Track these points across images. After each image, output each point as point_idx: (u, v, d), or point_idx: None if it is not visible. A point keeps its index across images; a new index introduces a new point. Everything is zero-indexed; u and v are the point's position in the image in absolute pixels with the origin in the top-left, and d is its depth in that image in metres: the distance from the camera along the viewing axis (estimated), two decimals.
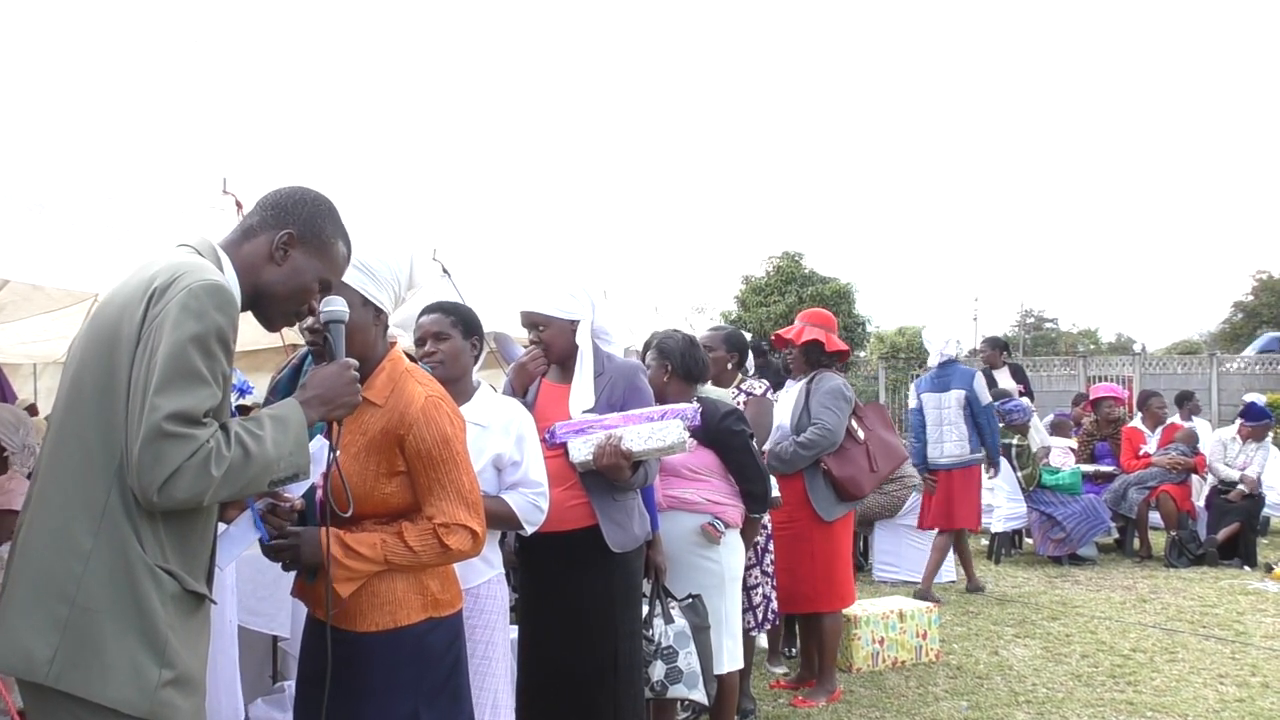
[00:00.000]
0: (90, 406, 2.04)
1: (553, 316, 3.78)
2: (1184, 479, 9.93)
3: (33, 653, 1.97)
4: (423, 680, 2.60)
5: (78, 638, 1.97)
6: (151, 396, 1.95)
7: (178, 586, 2.08)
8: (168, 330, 1.98)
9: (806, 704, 5.43)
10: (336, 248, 2.34)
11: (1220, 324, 44.86)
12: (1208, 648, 6.52)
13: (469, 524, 2.61)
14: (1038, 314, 56.91)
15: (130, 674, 2.00)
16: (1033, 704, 5.42)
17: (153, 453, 1.94)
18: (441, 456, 2.60)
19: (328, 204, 2.35)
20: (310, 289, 2.30)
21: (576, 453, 3.64)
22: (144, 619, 2.02)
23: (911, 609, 6.32)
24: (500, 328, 5.74)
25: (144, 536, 2.03)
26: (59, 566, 1.99)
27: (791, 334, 5.82)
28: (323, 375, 2.35)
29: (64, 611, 1.98)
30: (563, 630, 3.69)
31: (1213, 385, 23.55)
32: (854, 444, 5.62)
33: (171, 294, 2.00)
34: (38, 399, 12.75)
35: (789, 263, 27.40)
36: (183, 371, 1.97)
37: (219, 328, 2.02)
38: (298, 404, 2.25)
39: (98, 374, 2.05)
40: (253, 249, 2.26)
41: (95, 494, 2.01)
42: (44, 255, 3.53)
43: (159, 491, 1.95)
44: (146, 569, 2.02)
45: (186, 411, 1.96)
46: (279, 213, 2.28)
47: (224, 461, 2.00)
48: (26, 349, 10.84)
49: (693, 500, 4.43)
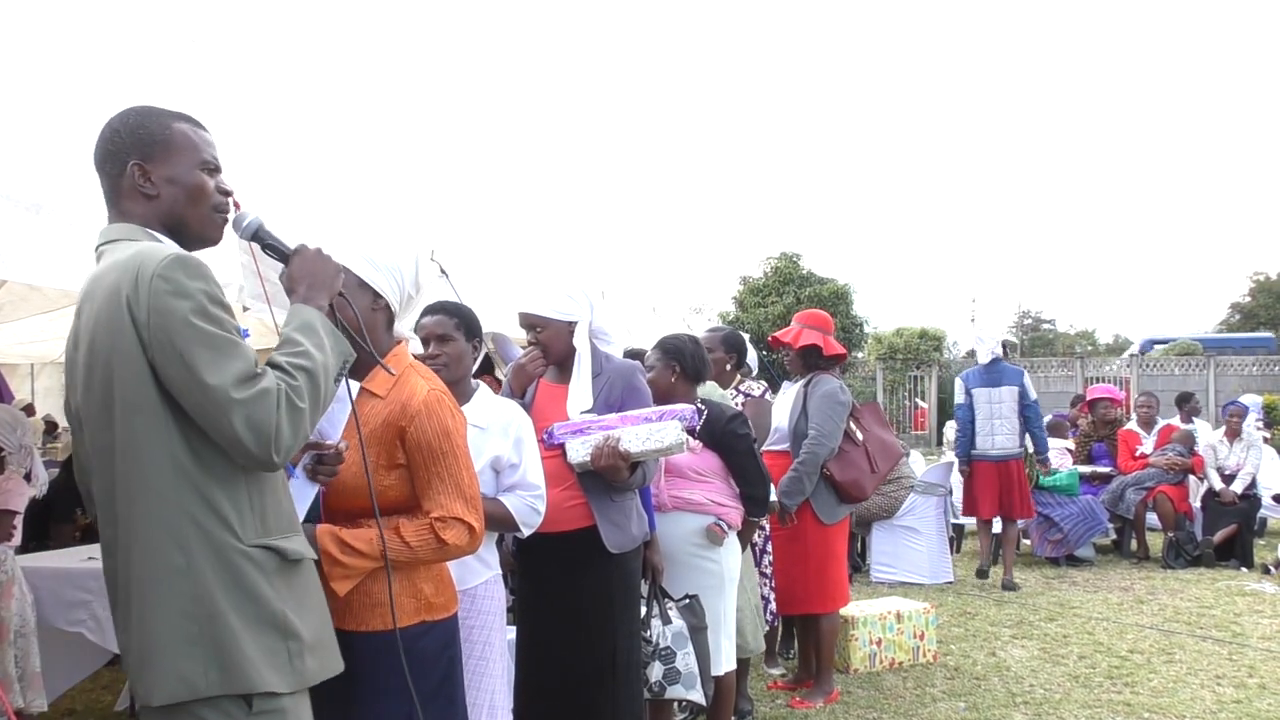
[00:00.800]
0: (125, 435, 2.02)
1: (550, 318, 3.78)
2: (1181, 480, 9.94)
3: (188, 675, 2.00)
4: (417, 685, 2.57)
5: (215, 643, 2.00)
6: (206, 381, 1.94)
7: (277, 559, 2.10)
8: (170, 323, 1.96)
9: (804, 705, 5.43)
10: (175, 131, 2.20)
11: (1218, 325, 44.93)
12: (1205, 649, 6.53)
13: (466, 518, 2.60)
14: (1035, 315, 57.04)
15: (267, 657, 2.05)
16: (1030, 705, 5.43)
17: (246, 425, 1.95)
18: (442, 449, 2.60)
19: (135, 110, 2.21)
20: (197, 184, 2.21)
21: (574, 454, 3.64)
22: (259, 604, 2.05)
23: (909, 610, 6.32)
24: (498, 328, 5.73)
25: (233, 523, 2.04)
26: (168, 590, 2.01)
27: (789, 336, 5.82)
28: (297, 266, 2.30)
29: (193, 628, 2.00)
30: (561, 631, 3.69)
31: (1210, 386, 23.61)
32: (853, 446, 5.63)
33: (144, 291, 1.97)
34: (35, 399, 12.77)
35: (787, 263, 27.37)
36: (209, 344, 1.96)
37: (205, 292, 2.00)
38: (302, 304, 2.23)
39: (124, 402, 2.01)
40: (132, 205, 2.18)
41: (166, 512, 2.01)
42: (41, 256, 3.52)
43: (276, 452, 1.99)
44: (244, 557, 2.05)
45: (242, 374, 1.97)
46: (111, 159, 2.19)
47: (301, 391, 2.03)
48: (24, 349, 10.85)
49: (697, 501, 4.43)
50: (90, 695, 5.54)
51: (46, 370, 13.10)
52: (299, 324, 2.18)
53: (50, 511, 6.17)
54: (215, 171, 2.25)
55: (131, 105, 2.22)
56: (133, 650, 2.06)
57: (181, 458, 2.01)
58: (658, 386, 4.37)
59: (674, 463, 4.36)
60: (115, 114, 2.21)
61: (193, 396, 1.97)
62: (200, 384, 1.95)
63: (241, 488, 2.08)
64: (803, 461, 5.41)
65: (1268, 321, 41.18)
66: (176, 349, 1.95)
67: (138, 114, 2.20)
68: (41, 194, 3.48)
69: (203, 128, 2.26)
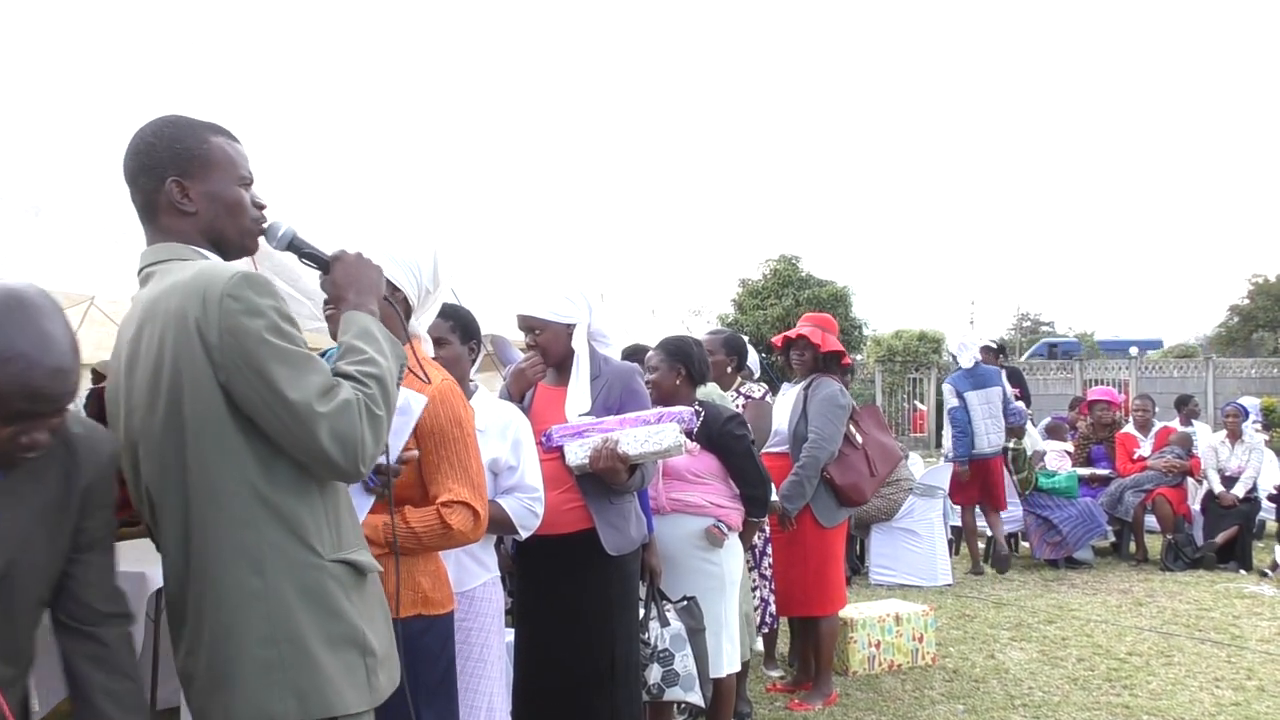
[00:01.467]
0: (200, 457, 1.98)
1: (549, 320, 3.78)
2: (1180, 482, 9.93)
3: (267, 704, 1.98)
4: (419, 680, 2.60)
5: (297, 669, 1.99)
6: (289, 398, 1.92)
7: (353, 574, 2.09)
8: (247, 344, 1.93)
9: (803, 707, 5.43)
10: (213, 146, 2.16)
11: (1216, 328, 44.90)
12: (1204, 651, 6.53)
13: (472, 503, 2.65)
14: (1034, 317, 57.09)
15: (348, 675, 2.04)
16: (1029, 707, 5.43)
17: (332, 439, 1.94)
18: (453, 436, 2.66)
19: (170, 121, 2.16)
20: (235, 199, 2.18)
21: (573, 456, 3.64)
22: (340, 622, 2.04)
23: (908, 612, 6.32)
24: (497, 330, 5.74)
25: (312, 540, 2.03)
26: (245, 615, 1.98)
27: (816, 338, 5.75)
28: (341, 273, 2.27)
29: (272, 653, 1.98)
30: (561, 633, 3.69)
31: (1209, 389, 23.61)
32: (852, 449, 5.64)
33: (213, 313, 1.93)
34: None
35: (786, 266, 27.36)
36: (287, 361, 1.94)
37: (274, 308, 1.98)
38: (353, 310, 2.21)
39: (195, 430, 1.97)
40: (171, 221, 2.13)
41: (243, 535, 1.98)
42: (40, 258, 3.53)
43: (361, 462, 1.99)
44: (325, 574, 2.04)
45: (321, 386, 1.96)
46: (146, 173, 2.13)
47: (376, 399, 2.03)
48: None
49: (696, 503, 4.44)
50: None
51: None
52: (358, 331, 2.16)
53: None
54: (249, 184, 2.23)
55: (163, 116, 2.17)
56: (200, 675, 2.03)
57: (256, 479, 1.98)
58: (662, 388, 4.40)
59: (672, 465, 4.36)
60: (146, 124, 2.16)
61: (274, 414, 1.94)
62: (283, 400, 1.93)
63: (318, 503, 2.06)
64: (803, 465, 5.41)
65: (1267, 323, 41.17)
66: (254, 368, 1.93)
67: (173, 126, 2.15)
68: (40, 197, 3.49)
69: (236, 140, 2.23)
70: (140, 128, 2.15)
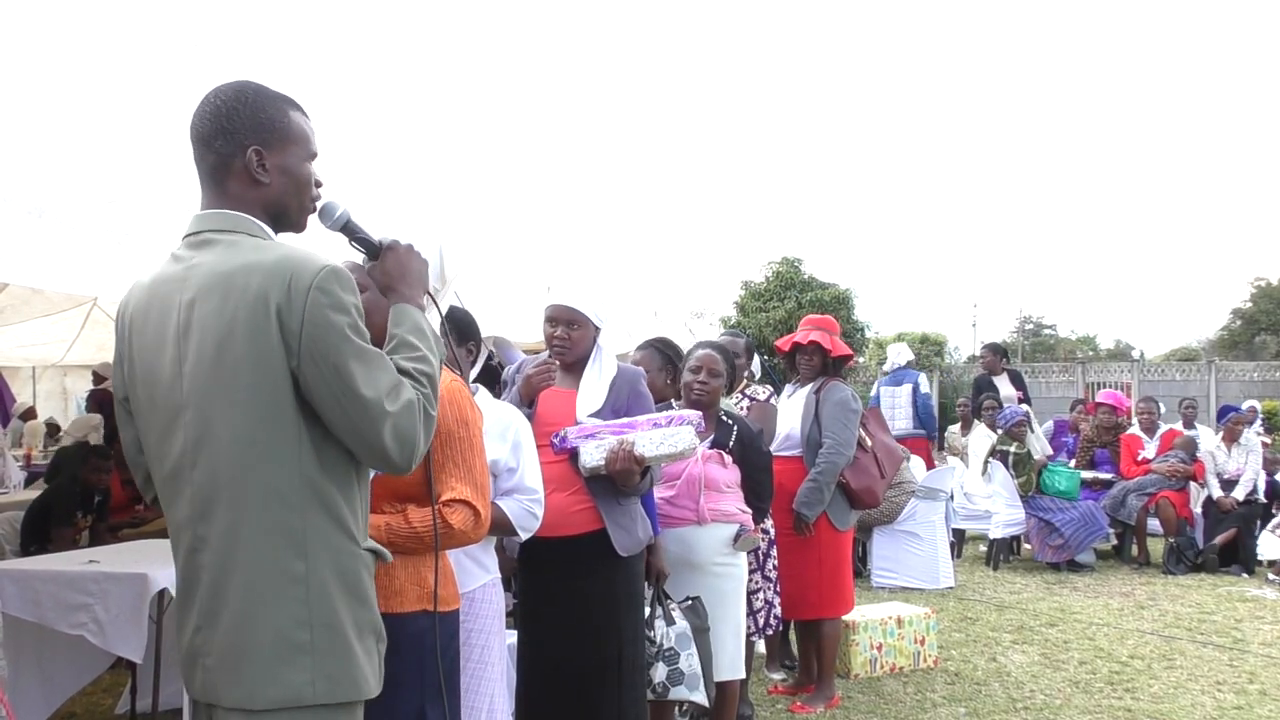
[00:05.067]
0: (245, 440, 1.99)
1: (587, 315, 3.83)
2: (1183, 486, 9.93)
3: (294, 682, 1.98)
4: (424, 678, 2.62)
5: (328, 652, 2.00)
6: (361, 395, 1.96)
7: (375, 562, 2.13)
8: (327, 336, 1.95)
9: (804, 710, 5.43)
10: (292, 120, 2.17)
11: (1219, 331, 44.93)
12: (1205, 655, 6.53)
13: (473, 501, 2.67)
14: (1036, 320, 56.93)
15: (370, 660, 2.07)
16: (1030, 710, 5.42)
17: (394, 437, 1.99)
18: (458, 435, 2.69)
19: (253, 89, 2.15)
20: (306, 176, 2.19)
21: (589, 457, 3.66)
22: (367, 609, 2.08)
23: (909, 615, 6.32)
24: (499, 332, 5.74)
25: (351, 527, 2.06)
26: (281, 597, 1.99)
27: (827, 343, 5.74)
28: (392, 264, 2.29)
29: (304, 636, 1.99)
30: (567, 633, 3.71)
31: (1211, 392, 23.59)
32: (863, 453, 5.67)
33: (298, 301, 1.95)
34: (36, 402, 12.80)
35: (788, 268, 27.34)
36: (364, 359, 1.98)
37: (355, 306, 2.02)
38: (403, 305, 2.23)
39: (247, 407, 1.98)
40: (240, 188, 2.12)
41: (289, 517, 1.99)
42: (43, 259, 3.53)
43: (414, 460, 2.05)
44: (360, 561, 2.07)
45: (391, 385, 2.00)
46: (225, 136, 2.10)
47: (430, 399, 2.08)
48: (25, 352, 10.88)
49: (730, 511, 4.54)
50: (91, 699, 5.53)
51: (48, 374, 13.13)
52: (411, 326, 2.19)
53: (50, 515, 6.17)
54: (315, 161, 2.23)
55: (241, 81, 2.16)
56: (215, 651, 2.02)
57: (309, 466, 2.00)
58: (713, 394, 4.61)
59: (711, 477, 4.48)
60: (224, 86, 2.14)
61: (343, 408, 1.97)
62: (355, 396, 1.96)
63: (355, 492, 2.10)
64: (821, 471, 5.42)
65: (1269, 327, 41.17)
66: (332, 362, 1.95)
67: (256, 94, 2.14)
68: (43, 198, 3.49)
69: (308, 116, 2.23)
70: (216, 89, 2.13)
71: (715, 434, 4.57)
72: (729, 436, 4.59)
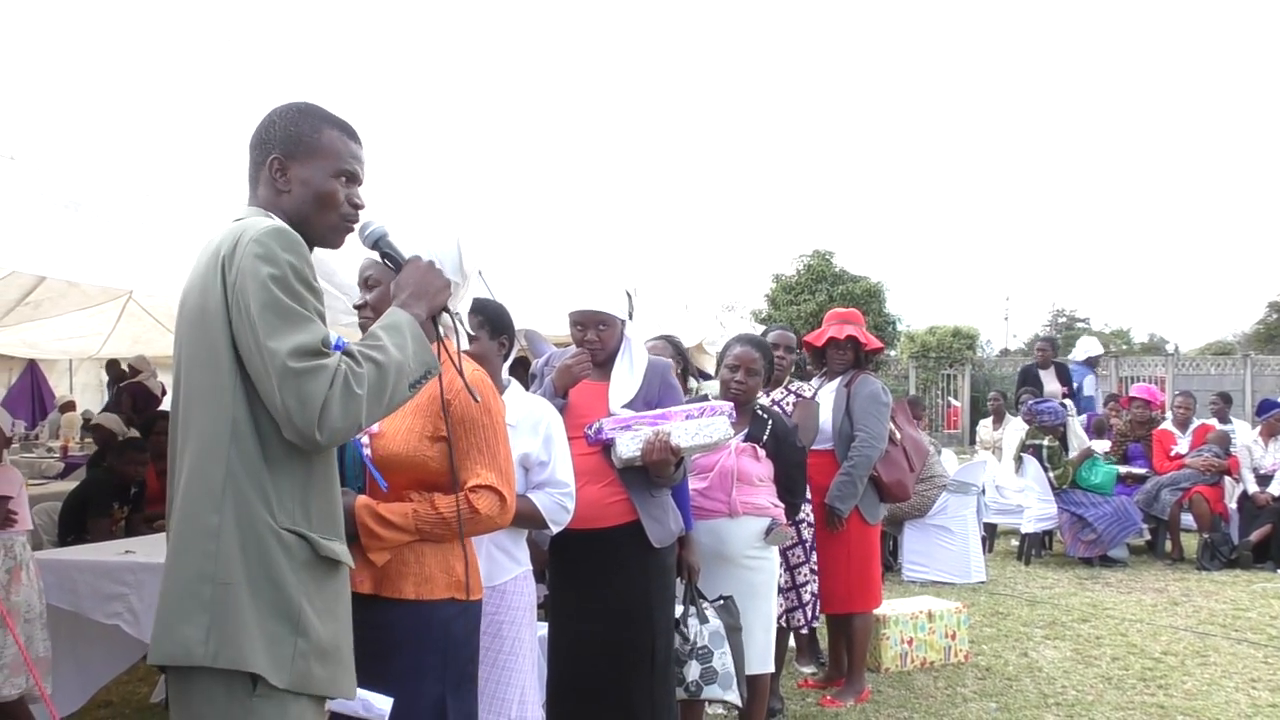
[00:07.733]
0: (199, 389, 2.08)
1: (615, 315, 3.86)
2: (1217, 481, 9.82)
3: (188, 638, 2.00)
4: (448, 668, 2.66)
5: (223, 612, 2.00)
6: (266, 345, 1.98)
7: (310, 552, 2.10)
8: (249, 284, 2.00)
9: (835, 704, 5.42)
10: (327, 136, 2.26)
11: (1255, 324, 44.37)
12: (1240, 651, 6.47)
13: (498, 487, 2.70)
14: (1069, 314, 56.41)
15: (267, 643, 2.03)
16: (1062, 706, 5.39)
17: (294, 395, 1.98)
18: (483, 423, 2.72)
19: (297, 106, 2.28)
20: (330, 191, 2.25)
21: (625, 448, 3.68)
22: (276, 589, 2.05)
23: (940, 609, 6.29)
24: (530, 324, 5.75)
25: (270, 500, 2.06)
26: (195, 549, 2.03)
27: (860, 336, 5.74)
28: (406, 275, 2.37)
29: (207, 591, 2.01)
30: (601, 626, 3.72)
31: (1247, 386, 23.32)
32: (893, 446, 5.67)
33: (239, 253, 2.03)
34: (74, 394, 12.92)
35: (819, 261, 27.31)
36: (279, 312, 2.00)
37: (292, 265, 2.04)
38: (399, 308, 2.27)
39: (199, 356, 2.08)
40: (266, 193, 2.25)
41: (213, 470, 2.03)
42: (79, 252, 3.56)
43: (319, 429, 2.00)
44: (274, 535, 2.05)
45: (303, 346, 1.99)
46: (258, 147, 2.26)
47: (362, 379, 2.05)
48: (62, 345, 10.99)
49: (762, 505, 4.53)
50: (126, 687, 5.60)
51: (85, 366, 13.25)
52: (386, 323, 2.22)
53: (87, 506, 6.24)
54: (352, 182, 2.30)
55: (301, 101, 2.30)
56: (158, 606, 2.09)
57: (241, 423, 2.04)
58: (750, 392, 4.62)
59: (744, 470, 4.48)
60: (286, 103, 2.29)
61: (253, 360, 2.01)
62: (260, 346, 1.99)
63: (290, 474, 2.10)
64: (855, 465, 5.40)
65: None
66: (249, 310, 2.00)
67: (297, 111, 2.27)
68: (79, 192, 3.52)
69: (356, 139, 2.32)
70: (279, 105, 2.29)
71: (750, 428, 4.57)
72: (763, 431, 4.58)
